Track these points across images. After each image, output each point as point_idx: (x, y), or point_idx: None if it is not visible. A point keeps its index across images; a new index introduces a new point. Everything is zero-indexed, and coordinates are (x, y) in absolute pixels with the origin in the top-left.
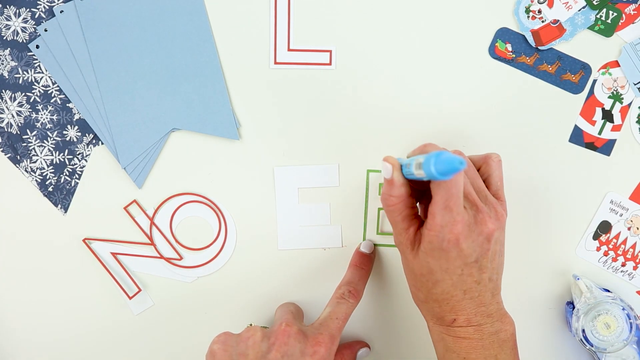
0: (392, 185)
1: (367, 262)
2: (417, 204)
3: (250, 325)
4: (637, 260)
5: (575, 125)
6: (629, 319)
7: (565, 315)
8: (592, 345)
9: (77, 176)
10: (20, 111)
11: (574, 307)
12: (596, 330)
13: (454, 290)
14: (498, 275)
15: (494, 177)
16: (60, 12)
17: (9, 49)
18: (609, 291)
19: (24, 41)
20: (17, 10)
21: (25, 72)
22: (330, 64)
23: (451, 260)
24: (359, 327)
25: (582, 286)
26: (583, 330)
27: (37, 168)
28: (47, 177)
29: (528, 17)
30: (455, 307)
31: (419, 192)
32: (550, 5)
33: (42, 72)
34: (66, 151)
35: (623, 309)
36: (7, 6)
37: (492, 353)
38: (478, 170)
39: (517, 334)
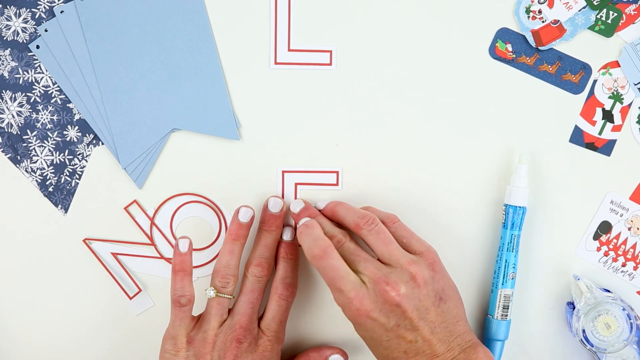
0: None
1: (294, 250)
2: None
3: (215, 292)
4: (638, 261)
5: (576, 126)
6: (629, 319)
7: (566, 316)
8: (592, 346)
9: (78, 176)
10: (20, 111)
11: (574, 308)
12: (596, 331)
13: (394, 352)
14: (447, 322)
15: (401, 237)
16: (61, 12)
17: (9, 49)
18: (609, 291)
19: (24, 41)
20: (18, 11)
21: (25, 72)
22: (330, 64)
23: (370, 329)
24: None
25: (583, 286)
26: (583, 331)
27: (37, 168)
28: (48, 178)
29: (528, 17)
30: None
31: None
32: (551, 5)
33: (43, 72)
34: (66, 151)
35: (623, 309)
36: (7, 6)
37: None
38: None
39: (517, 334)
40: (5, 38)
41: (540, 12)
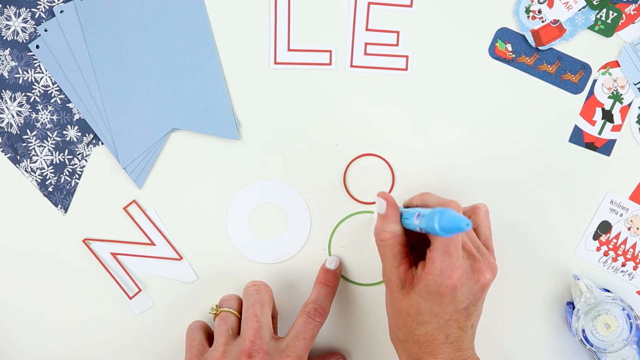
0: (386, 220)
1: (333, 279)
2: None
3: (216, 307)
4: (637, 261)
5: (575, 126)
6: (629, 319)
7: (565, 315)
8: (592, 346)
9: (77, 176)
10: (20, 111)
11: (574, 307)
12: (596, 330)
13: (438, 333)
14: (477, 322)
15: (483, 227)
16: (60, 12)
17: (9, 49)
18: (609, 291)
19: (24, 41)
20: (17, 10)
21: (25, 72)
22: (330, 64)
23: (444, 305)
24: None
25: (582, 286)
26: (583, 331)
27: (37, 168)
28: (47, 177)
29: (528, 17)
30: (435, 350)
31: (413, 235)
32: (550, 5)
33: (42, 72)
34: (66, 151)
35: (623, 309)
36: (7, 6)
37: None
38: None
39: (518, 334)
40: (5, 38)
41: (540, 12)
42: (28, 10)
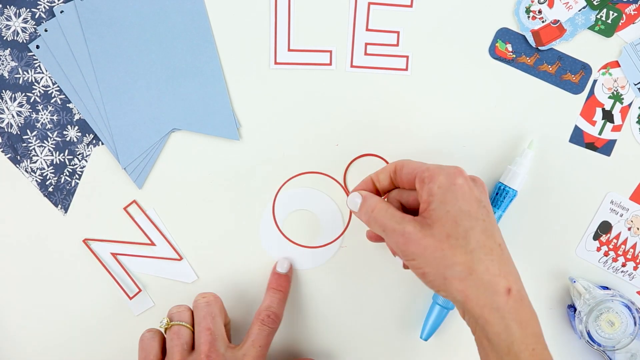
0: (365, 201)
1: (285, 282)
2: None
3: (168, 322)
4: (638, 261)
5: (576, 126)
6: (632, 313)
7: (569, 319)
8: (599, 345)
9: (77, 176)
10: (20, 111)
11: (575, 310)
12: (601, 329)
13: (488, 239)
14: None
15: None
16: (61, 12)
17: (9, 49)
18: (607, 288)
19: (24, 41)
20: (17, 11)
21: (25, 72)
22: (330, 64)
23: (467, 198)
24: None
25: (580, 288)
26: (588, 332)
27: (37, 168)
28: (47, 178)
29: (528, 17)
30: (503, 267)
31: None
32: (551, 5)
33: (42, 72)
34: (66, 151)
35: (624, 304)
36: (7, 6)
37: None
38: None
39: None
40: (5, 38)
41: (540, 12)
42: (28, 10)
